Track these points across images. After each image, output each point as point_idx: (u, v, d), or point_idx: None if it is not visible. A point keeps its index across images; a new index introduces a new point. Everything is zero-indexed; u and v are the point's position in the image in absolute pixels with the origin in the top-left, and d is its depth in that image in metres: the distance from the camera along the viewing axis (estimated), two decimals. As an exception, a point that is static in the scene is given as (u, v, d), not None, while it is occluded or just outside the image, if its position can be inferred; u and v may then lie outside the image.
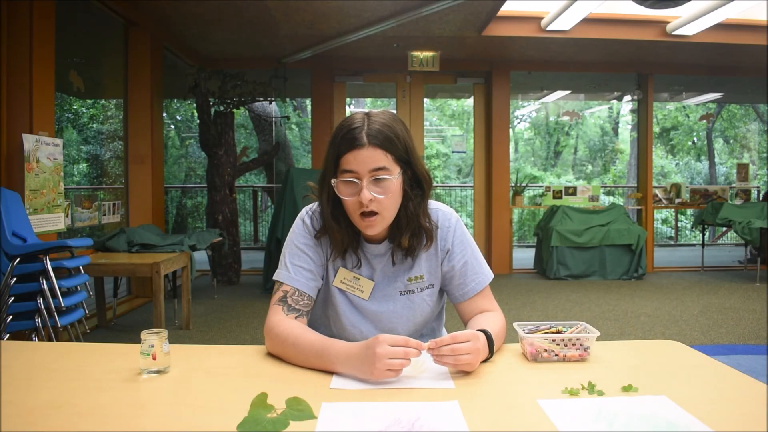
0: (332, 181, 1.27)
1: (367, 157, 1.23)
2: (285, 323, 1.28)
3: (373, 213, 1.25)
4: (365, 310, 1.37)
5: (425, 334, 1.46)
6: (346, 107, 7.38)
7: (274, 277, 1.36)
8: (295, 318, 1.32)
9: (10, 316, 2.86)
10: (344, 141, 1.24)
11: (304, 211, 1.40)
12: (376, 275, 1.37)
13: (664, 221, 11.82)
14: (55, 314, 2.89)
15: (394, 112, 1.38)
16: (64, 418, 0.92)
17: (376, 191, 1.24)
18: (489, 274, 1.42)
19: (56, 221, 3.70)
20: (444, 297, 1.48)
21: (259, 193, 9.79)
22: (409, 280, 1.37)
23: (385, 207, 1.26)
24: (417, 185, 1.32)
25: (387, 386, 1.08)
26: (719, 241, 11.04)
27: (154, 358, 1.12)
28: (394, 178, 1.25)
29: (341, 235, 1.32)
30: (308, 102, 9.55)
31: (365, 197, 1.23)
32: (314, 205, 1.39)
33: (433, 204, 1.38)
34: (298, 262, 1.34)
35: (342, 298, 1.37)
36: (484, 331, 1.23)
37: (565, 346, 1.22)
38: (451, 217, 1.39)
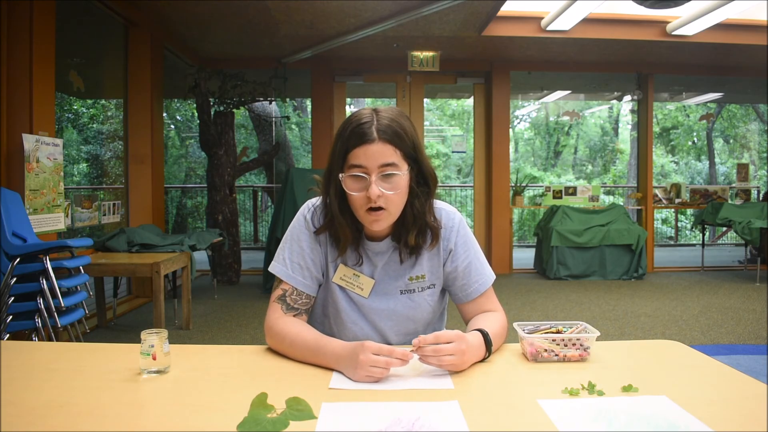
0: (340, 175, 1.25)
1: (377, 152, 1.22)
2: (282, 322, 1.29)
3: (379, 208, 1.24)
4: (365, 308, 1.36)
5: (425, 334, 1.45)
6: (346, 107, 7.38)
7: (274, 270, 1.35)
8: (294, 316, 1.33)
9: (10, 316, 2.86)
10: (353, 135, 1.23)
11: (305, 206, 1.39)
12: (376, 273, 1.36)
13: (664, 221, 11.82)
14: (55, 314, 2.89)
15: (400, 108, 1.36)
16: (64, 418, 0.92)
17: (384, 187, 1.23)
18: (492, 275, 1.41)
19: (56, 221, 3.70)
20: (446, 297, 1.47)
21: (259, 193, 9.79)
22: (410, 279, 1.36)
23: (392, 203, 1.25)
24: (423, 182, 1.31)
25: (387, 386, 1.08)
26: (719, 241, 11.04)
27: (154, 358, 1.12)
28: (403, 174, 1.24)
29: (348, 231, 1.30)
30: (308, 102, 9.55)
31: (374, 193, 1.21)
32: (316, 200, 1.38)
33: (437, 203, 1.37)
34: (298, 259, 1.34)
35: (342, 295, 1.36)
36: (482, 331, 1.23)
37: (565, 346, 1.22)
38: (454, 217, 1.38)
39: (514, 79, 7.22)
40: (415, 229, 1.31)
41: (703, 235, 7.46)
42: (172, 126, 11.35)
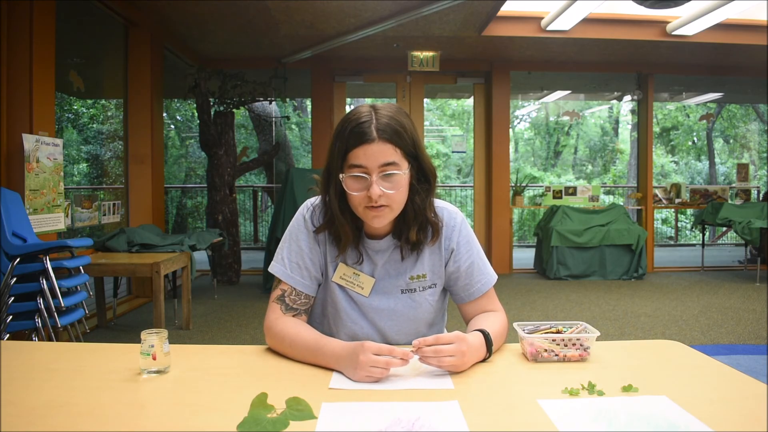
0: (340, 176, 1.24)
1: (377, 152, 1.20)
2: (281, 322, 1.30)
3: (381, 204, 1.23)
4: (365, 307, 1.35)
5: (426, 334, 1.44)
6: (346, 107, 7.38)
7: (273, 270, 1.35)
8: (293, 316, 1.33)
9: (10, 316, 2.86)
10: (353, 135, 1.21)
11: (304, 205, 1.38)
12: (377, 272, 1.35)
13: (664, 221, 11.82)
14: (55, 314, 2.89)
15: (398, 105, 1.35)
16: (64, 418, 0.92)
17: (385, 186, 1.22)
18: (494, 275, 1.41)
19: (56, 221, 3.70)
20: (447, 297, 1.47)
21: (259, 193, 9.79)
22: (410, 278, 1.35)
23: (394, 201, 1.24)
24: (424, 179, 1.30)
25: (387, 386, 1.08)
26: (719, 241, 11.04)
27: (154, 358, 1.12)
28: (404, 172, 1.23)
29: (349, 230, 1.29)
30: (308, 102, 9.55)
31: (375, 193, 1.20)
32: (316, 200, 1.37)
33: (438, 203, 1.37)
34: (296, 258, 1.34)
35: (342, 294, 1.35)
36: (483, 331, 1.22)
37: (565, 346, 1.22)
38: (456, 217, 1.38)
39: (514, 79, 7.22)
40: (416, 225, 1.30)
41: (703, 235, 7.46)
42: (172, 126, 11.35)
